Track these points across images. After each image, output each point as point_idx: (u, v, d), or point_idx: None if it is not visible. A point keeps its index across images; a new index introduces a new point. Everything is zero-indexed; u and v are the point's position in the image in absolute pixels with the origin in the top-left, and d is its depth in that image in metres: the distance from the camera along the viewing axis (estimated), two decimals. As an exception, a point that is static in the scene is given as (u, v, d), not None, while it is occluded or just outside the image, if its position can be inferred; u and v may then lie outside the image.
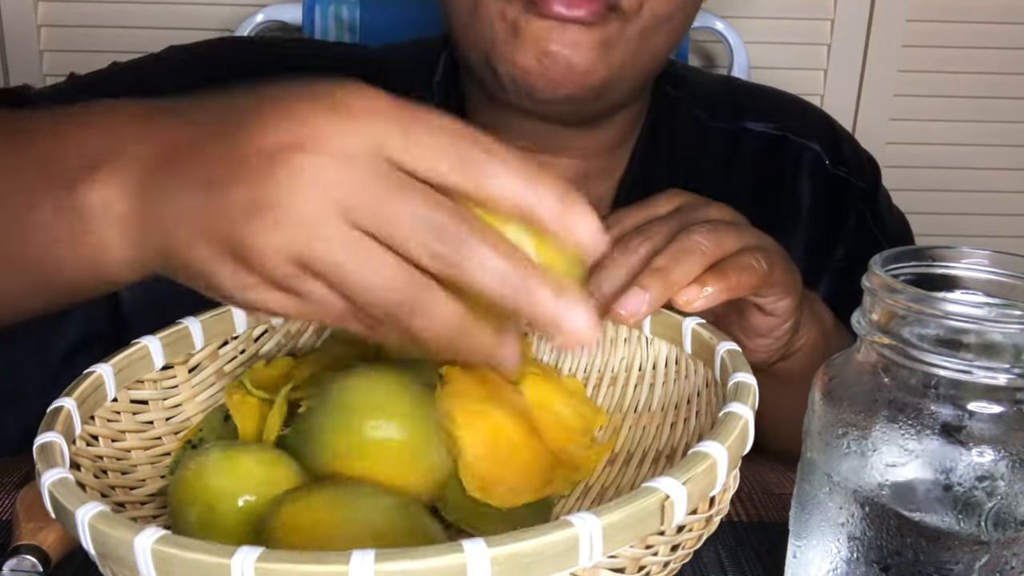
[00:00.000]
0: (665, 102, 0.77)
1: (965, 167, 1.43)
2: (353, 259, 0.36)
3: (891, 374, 0.37)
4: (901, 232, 0.82)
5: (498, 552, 0.30)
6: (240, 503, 0.41)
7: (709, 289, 0.49)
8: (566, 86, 0.63)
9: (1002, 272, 0.38)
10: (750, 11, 1.34)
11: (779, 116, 0.80)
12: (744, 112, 0.80)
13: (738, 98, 0.81)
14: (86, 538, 0.33)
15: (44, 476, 0.36)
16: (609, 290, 0.50)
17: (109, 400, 0.46)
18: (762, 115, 0.80)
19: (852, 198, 0.79)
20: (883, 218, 0.80)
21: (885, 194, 0.82)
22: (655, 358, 0.52)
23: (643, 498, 0.33)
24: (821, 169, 0.78)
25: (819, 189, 0.78)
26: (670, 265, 0.49)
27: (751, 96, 0.83)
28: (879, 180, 0.82)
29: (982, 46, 1.37)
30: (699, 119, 0.78)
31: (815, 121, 0.82)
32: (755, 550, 0.49)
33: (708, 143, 0.78)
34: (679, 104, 0.78)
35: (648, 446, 0.50)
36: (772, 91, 0.87)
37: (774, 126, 0.79)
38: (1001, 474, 0.34)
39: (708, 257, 0.50)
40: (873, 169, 0.82)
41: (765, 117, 0.80)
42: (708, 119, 0.79)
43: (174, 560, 0.31)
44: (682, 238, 0.51)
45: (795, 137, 0.79)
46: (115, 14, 1.33)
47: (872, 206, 0.79)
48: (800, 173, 0.78)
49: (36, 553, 0.45)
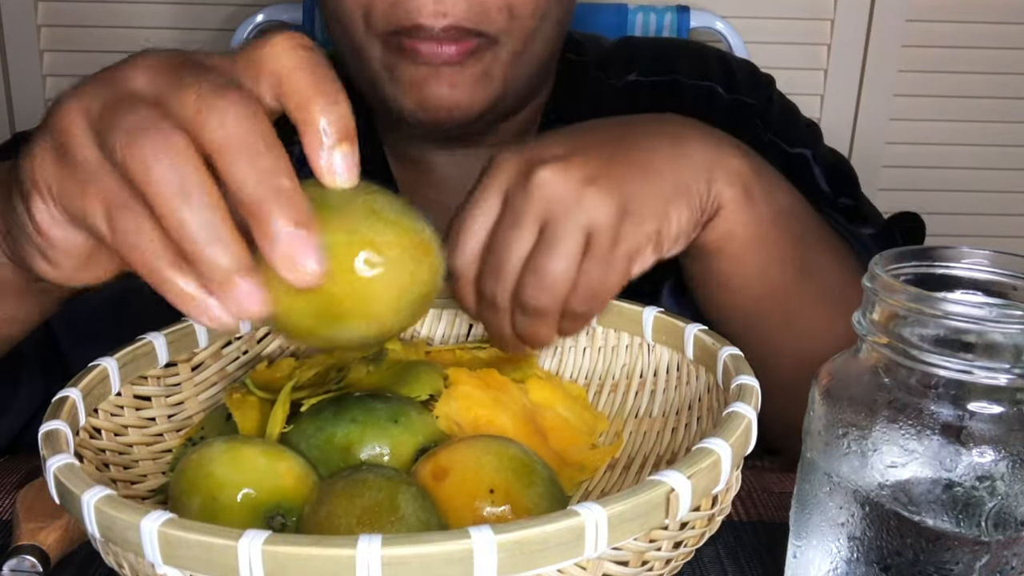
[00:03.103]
0: (568, 70, 0.78)
1: (965, 167, 1.43)
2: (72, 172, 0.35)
3: (891, 374, 0.37)
4: (813, 137, 0.80)
5: (504, 539, 0.30)
6: (242, 494, 0.41)
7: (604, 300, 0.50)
8: (451, 119, 0.65)
9: (1002, 272, 0.38)
10: (750, 11, 1.34)
11: (668, 63, 0.80)
12: (634, 65, 0.80)
13: (630, 54, 0.82)
14: (91, 522, 0.33)
15: (50, 461, 0.36)
16: (508, 348, 0.51)
17: (113, 394, 0.46)
18: (651, 65, 0.80)
19: (749, 117, 0.78)
20: (773, 121, 0.79)
21: (784, 105, 0.81)
22: (656, 364, 0.52)
23: (649, 490, 0.33)
24: (718, 102, 0.78)
25: (721, 121, 0.73)
26: (538, 332, 0.49)
27: (642, 50, 0.83)
28: (772, 92, 0.81)
29: (982, 46, 1.38)
30: (598, 79, 0.79)
31: (705, 59, 0.82)
32: (755, 550, 0.50)
33: (606, 101, 0.78)
34: (579, 68, 0.79)
35: (649, 451, 0.50)
36: (663, 40, 0.88)
37: (663, 73, 0.79)
38: (1001, 474, 0.34)
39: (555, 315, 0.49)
40: (767, 83, 0.82)
41: (654, 67, 0.80)
42: (605, 78, 0.79)
43: (180, 543, 0.31)
44: (528, 295, 0.48)
45: (686, 79, 0.79)
46: (115, 14, 1.33)
47: (764, 118, 0.78)
48: (698, 112, 0.74)
49: (36, 553, 0.45)
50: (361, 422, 0.45)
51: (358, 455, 0.44)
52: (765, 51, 1.32)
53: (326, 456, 0.44)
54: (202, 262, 0.32)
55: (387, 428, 0.45)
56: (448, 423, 0.48)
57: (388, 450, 0.45)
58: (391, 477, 0.41)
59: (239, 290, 0.33)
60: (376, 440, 0.45)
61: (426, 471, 0.42)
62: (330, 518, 0.39)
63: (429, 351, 0.55)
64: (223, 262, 0.32)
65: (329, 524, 0.39)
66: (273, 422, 0.46)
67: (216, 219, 0.32)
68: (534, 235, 0.48)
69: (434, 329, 0.58)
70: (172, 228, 0.32)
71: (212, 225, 0.32)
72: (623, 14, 1.12)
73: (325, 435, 0.45)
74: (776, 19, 1.36)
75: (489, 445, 0.43)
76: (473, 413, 0.48)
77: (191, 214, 0.32)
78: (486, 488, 0.41)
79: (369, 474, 0.41)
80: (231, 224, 0.33)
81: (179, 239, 0.32)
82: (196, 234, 0.32)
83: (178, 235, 0.32)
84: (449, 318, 0.58)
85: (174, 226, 0.32)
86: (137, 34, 1.33)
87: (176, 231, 0.32)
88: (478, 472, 0.41)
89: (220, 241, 0.32)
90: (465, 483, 0.41)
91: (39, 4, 1.33)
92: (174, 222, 0.32)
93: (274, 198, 0.32)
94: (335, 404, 0.46)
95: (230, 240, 0.32)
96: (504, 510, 0.40)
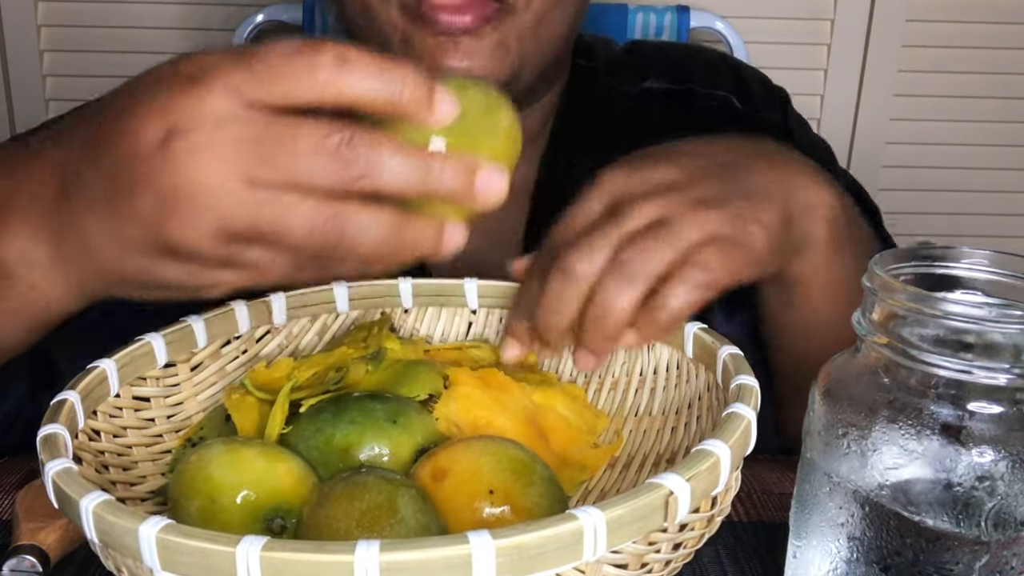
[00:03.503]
0: (578, 75, 0.77)
1: (965, 167, 1.43)
2: (270, 215, 0.37)
3: (891, 374, 0.37)
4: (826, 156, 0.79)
5: (502, 544, 0.30)
6: (241, 496, 0.41)
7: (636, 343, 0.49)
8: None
9: (1002, 272, 0.38)
10: (750, 11, 1.34)
11: (681, 70, 0.79)
12: (647, 72, 0.79)
13: (642, 59, 0.81)
14: (90, 527, 0.33)
15: (48, 466, 0.36)
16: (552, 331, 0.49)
17: (112, 395, 0.46)
18: (665, 72, 0.79)
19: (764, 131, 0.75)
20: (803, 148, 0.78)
21: (799, 121, 0.81)
22: (656, 363, 0.52)
23: (648, 494, 0.33)
24: (733, 113, 0.77)
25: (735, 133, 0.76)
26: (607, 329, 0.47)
27: (654, 55, 0.82)
28: (788, 109, 0.80)
29: (982, 46, 1.37)
30: (608, 85, 0.78)
31: (719, 68, 0.81)
32: (755, 550, 0.49)
33: (617, 108, 0.77)
34: (589, 73, 0.78)
35: (649, 450, 0.50)
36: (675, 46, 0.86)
37: (677, 81, 0.78)
38: (1001, 474, 0.34)
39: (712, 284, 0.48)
40: (782, 98, 0.81)
41: (668, 74, 0.79)
42: (617, 84, 0.78)
43: (179, 549, 0.31)
44: (613, 288, 0.46)
45: (700, 88, 0.78)
46: (115, 14, 1.33)
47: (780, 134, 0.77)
48: (712, 123, 0.75)
49: (36, 553, 0.45)
50: (360, 423, 0.45)
51: (357, 456, 0.44)
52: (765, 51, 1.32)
53: (325, 457, 0.44)
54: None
55: (386, 429, 0.45)
56: (448, 425, 0.48)
57: (387, 451, 0.45)
58: (391, 479, 0.41)
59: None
60: (375, 441, 0.45)
61: (425, 472, 0.42)
62: (329, 521, 0.39)
63: (428, 350, 0.55)
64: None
65: (328, 527, 0.39)
66: (272, 423, 0.46)
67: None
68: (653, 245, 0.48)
69: (434, 328, 0.58)
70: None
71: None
72: (623, 14, 1.12)
73: (324, 436, 0.45)
74: (776, 19, 1.36)
75: (488, 446, 0.43)
76: (473, 414, 0.48)
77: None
78: (485, 489, 0.41)
79: (369, 476, 0.41)
80: None
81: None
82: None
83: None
84: (448, 317, 0.58)
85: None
86: (137, 34, 1.33)
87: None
88: (477, 473, 0.41)
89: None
90: (464, 484, 0.41)
91: (39, 4, 1.33)
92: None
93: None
94: (334, 405, 0.46)
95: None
96: (504, 511, 0.40)
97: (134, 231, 0.39)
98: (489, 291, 0.57)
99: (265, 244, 0.38)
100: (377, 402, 0.46)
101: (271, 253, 0.39)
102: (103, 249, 0.41)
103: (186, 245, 0.38)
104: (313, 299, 0.56)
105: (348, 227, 0.37)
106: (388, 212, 0.38)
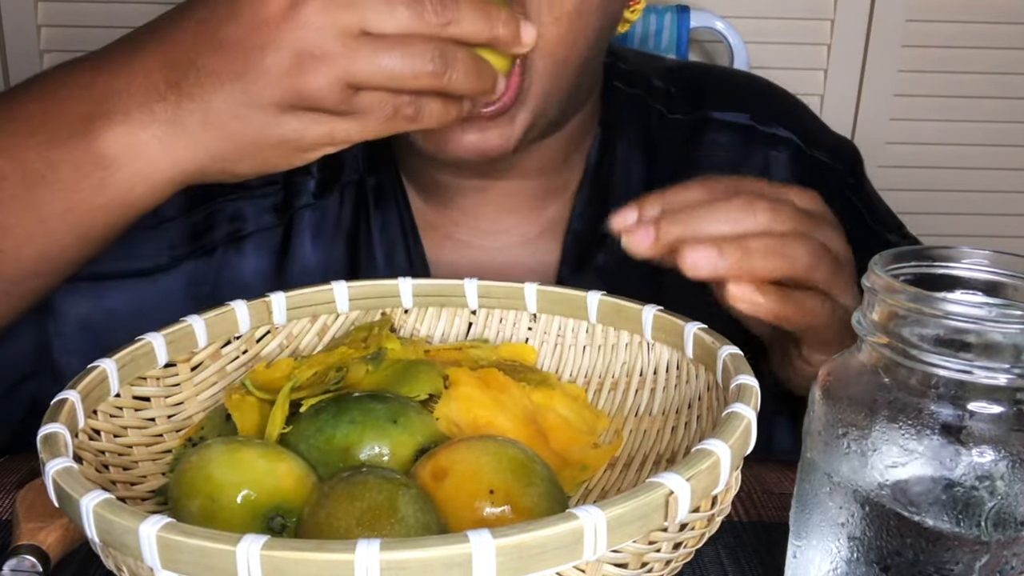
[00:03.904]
0: (617, 99, 0.72)
1: (965, 167, 1.43)
2: (388, 55, 0.45)
3: (891, 374, 0.37)
4: (895, 223, 0.77)
5: (503, 543, 0.30)
6: (241, 496, 0.41)
7: (761, 301, 0.49)
8: (479, 157, 0.59)
9: (1002, 272, 0.38)
10: (750, 11, 1.34)
11: (744, 102, 0.74)
12: (706, 100, 0.73)
13: (699, 85, 0.75)
14: (90, 526, 0.33)
15: (48, 465, 0.36)
16: (705, 230, 0.49)
17: (112, 395, 0.46)
18: (726, 102, 0.74)
19: (834, 184, 0.73)
20: (877, 209, 0.76)
21: (869, 182, 0.78)
22: (656, 363, 0.52)
23: (648, 493, 0.33)
24: (797, 155, 0.73)
25: (798, 176, 0.72)
26: (759, 253, 0.48)
27: (712, 82, 0.76)
28: (862, 167, 0.77)
29: (982, 46, 1.38)
30: (657, 113, 0.73)
31: (785, 105, 0.77)
32: (755, 550, 0.50)
33: (669, 137, 0.72)
34: (634, 101, 0.73)
35: (649, 450, 0.50)
36: (736, 75, 0.80)
37: (740, 112, 0.73)
38: (1001, 474, 0.34)
39: (794, 270, 0.49)
40: (852, 154, 0.77)
41: (729, 103, 0.74)
42: (668, 111, 0.73)
43: (179, 547, 0.31)
44: (788, 238, 0.49)
45: (763, 124, 0.73)
46: (115, 14, 1.33)
47: (859, 194, 0.75)
48: (773, 161, 0.72)
49: (36, 553, 0.45)
50: (360, 423, 0.45)
51: (357, 456, 0.44)
52: (765, 51, 1.32)
53: (325, 457, 0.44)
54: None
55: (386, 428, 0.45)
56: (448, 425, 0.48)
57: (387, 450, 0.45)
58: (391, 479, 0.41)
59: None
60: (375, 441, 0.45)
61: (426, 471, 0.42)
62: (330, 520, 0.39)
63: (428, 350, 0.55)
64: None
65: (329, 526, 0.39)
66: (272, 423, 0.46)
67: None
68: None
69: (434, 328, 0.58)
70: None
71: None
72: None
73: (324, 436, 0.45)
74: (776, 19, 1.36)
75: (488, 445, 0.43)
76: (473, 414, 0.48)
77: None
78: (486, 488, 0.41)
79: (369, 476, 0.41)
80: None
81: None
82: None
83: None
84: (448, 317, 0.58)
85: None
86: (137, 34, 1.33)
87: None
88: (478, 472, 0.41)
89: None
90: (465, 483, 0.41)
91: (39, 4, 1.33)
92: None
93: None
94: (334, 405, 0.46)
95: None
96: (504, 510, 0.40)
97: (264, 89, 0.45)
98: (489, 291, 0.57)
99: (380, 86, 0.45)
100: (377, 402, 0.46)
101: (382, 96, 0.46)
102: (224, 114, 0.47)
103: (314, 96, 0.45)
104: (313, 299, 0.56)
105: (448, 60, 0.45)
106: (467, 49, 0.47)
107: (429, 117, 0.48)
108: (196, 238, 0.67)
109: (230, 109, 0.46)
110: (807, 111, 0.78)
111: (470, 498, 0.41)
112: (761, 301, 0.49)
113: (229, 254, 0.68)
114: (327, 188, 0.69)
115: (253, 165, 0.49)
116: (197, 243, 0.67)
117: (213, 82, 0.46)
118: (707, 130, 0.73)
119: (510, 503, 0.40)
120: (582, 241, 0.70)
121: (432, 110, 0.48)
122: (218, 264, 0.67)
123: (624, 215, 0.51)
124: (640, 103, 0.73)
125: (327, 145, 0.48)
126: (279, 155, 0.49)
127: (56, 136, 0.49)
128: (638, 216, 0.50)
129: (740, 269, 0.48)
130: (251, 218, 0.68)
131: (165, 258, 0.67)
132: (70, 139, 0.49)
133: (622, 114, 0.72)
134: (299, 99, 0.45)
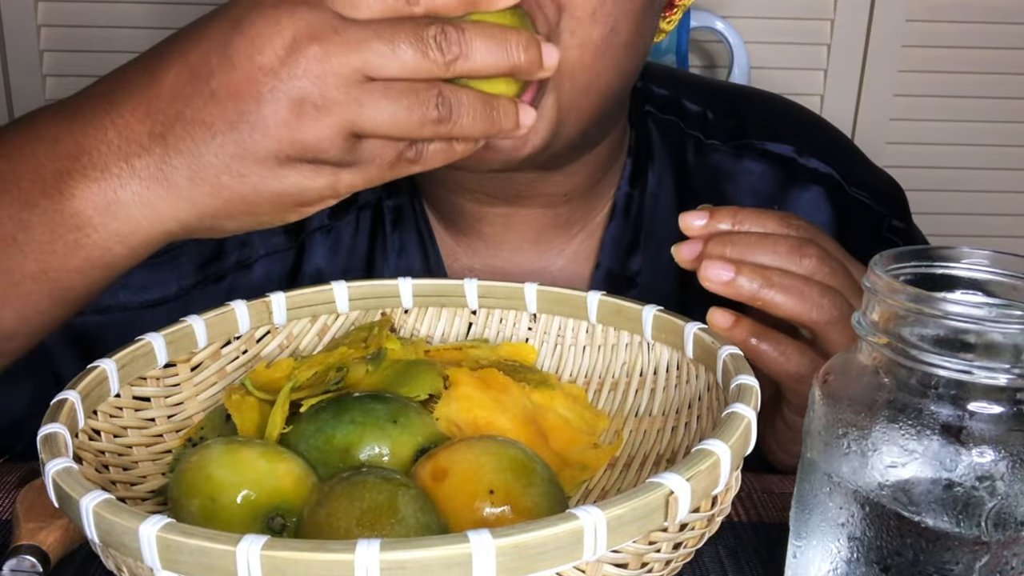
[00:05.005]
0: (648, 126, 0.70)
1: (965, 167, 1.43)
2: (394, 104, 0.42)
3: (891, 374, 0.37)
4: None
5: (503, 543, 0.30)
6: (242, 496, 0.41)
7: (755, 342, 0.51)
8: (497, 163, 0.56)
9: (1002, 272, 0.38)
10: (750, 11, 1.34)
11: (788, 132, 0.72)
12: (746, 129, 0.71)
13: (739, 113, 0.72)
14: (90, 526, 0.33)
15: (48, 465, 0.36)
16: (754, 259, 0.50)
17: (112, 395, 0.46)
18: (769, 130, 0.71)
19: (873, 226, 0.71)
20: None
21: (916, 226, 0.74)
22: (656, 363, 0.52)
23: (648, 493, 0.33)
24: (837, 192, 0.70)
25: (837, 213, 0.70)
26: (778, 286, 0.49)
27: (753, 107, 0.74)
28: (908, 209, 0.74)
29: (982, 46, 1.37)
30: (693, 140, 0.71)
31: (828, 138, 0.74)
32: (755, 550, 0.50)
33: (704, 164, 0.70)
34: (667, 127, 0.70)
35: (649, 450, 0.50)
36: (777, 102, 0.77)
37: (782, 144, 0.71)
38: (1001, 474, 0.34)
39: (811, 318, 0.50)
40: (896, 196, 0.73)
41: (772, 132, 0.71)
42: (705, 137, 0.71)
43: (179, 547, 0.31)
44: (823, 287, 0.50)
45: (804, 157, 0.70)
46: (115, 14, 1.33)
47: (906, 238, 0.72)
48: (814, 195, 0.70)
49: (36, 553, 0.45)
50: (360, 423, 0.45)
51: (357, 456, 0.44)
52: (765, 51, 1.32)
53: (325, 457, 0.44)
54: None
55: (386, 429, 0.45)
56: (448, 425, 0.48)
57: (387, 451, 0.45)
58: (391, 479, 0.41)
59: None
60: (375, 441, 0.45)
61: (426, 472, 0.42)
62: (330, 520, 0.39)
63: (428, 350, 0.55)
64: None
65: (329, 526, 0.39)
66: (272, 423, 0.46)
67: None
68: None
69: (434, 328, 0.58)
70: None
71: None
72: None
73: (324, 436, 0.45)
74: (776, 19, 1.36)
75: (488, 446, 0.43)
76: (473, 414, 0.48)
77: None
78: (486, 489, 0.41)
79: (369, 476, 0.41)
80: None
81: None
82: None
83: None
84: (448, 317, 0.58)
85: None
86: (137, 34, 1.33)
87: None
88: (478, 473, 0.41)
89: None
90: (465, 484, 0.41)
91: (39, 4, 1.33)
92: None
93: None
94: (334, 405, 0.46)
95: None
96: (504, 511, 0.40)
97: (261, 140, 0.42)
98: (489, 291, 0.57)
99: (382, 135, 0.43)
100: (377, 402, 0.46)
101: (384, 144, 0.44)
102: (216, 168, 0.43)
103: (315, 147, 0.42)
104: (313, 299, 0.56)
105: (452, 105, 0.43)
106: (476, 91, 0.44)
107: (432, 159, 0.46)
108: (204, 267, 0.67)
109: (223, 162, 0.43)
110: (851, 146, 0.76)
111: (470, 498, 0.41)
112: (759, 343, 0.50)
113: (238, 280, 0.68)
114: (342, 210, 0.69)
115: (244, 222, 0.46)
116: (204, 273, 0.67)
117: (204, 134, 0.43)
118: (745, 158, 0.71)
119: (510, 503, 0.40)
120: (612, 277, 0.68)
121: (436, 150, 0.45)
122: (225, 293, 0.66)
123: (693, 217, 0.52)
124: (674, 129, 0.71)
125: (330, 198, 0.45)
126: (274, 210, 0.45)
127: (28, 195, 0.46)
128: (706, 223, 0.52)
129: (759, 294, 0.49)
130: (259, 243, 0.68)
131: (173, 288, 0.67)
132: (42, 198, 0.45)
133: (653, 141, 0.70)
134: (299, 151, 0.42)
